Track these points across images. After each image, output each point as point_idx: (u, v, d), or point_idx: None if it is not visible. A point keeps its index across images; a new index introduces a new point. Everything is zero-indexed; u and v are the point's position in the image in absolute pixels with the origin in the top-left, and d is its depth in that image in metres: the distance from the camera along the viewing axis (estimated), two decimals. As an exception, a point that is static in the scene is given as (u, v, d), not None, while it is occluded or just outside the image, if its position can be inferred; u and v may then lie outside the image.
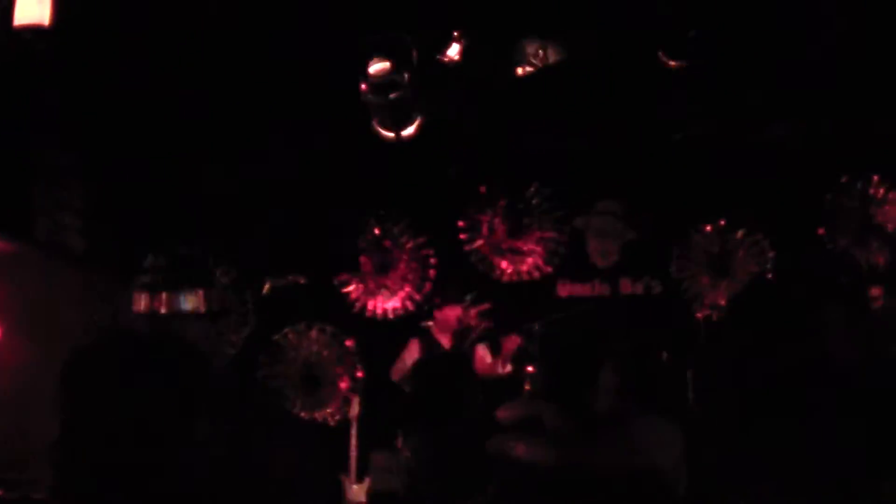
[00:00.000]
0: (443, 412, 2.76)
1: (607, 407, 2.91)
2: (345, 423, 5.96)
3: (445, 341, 5.77)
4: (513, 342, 5.76)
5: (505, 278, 6.64)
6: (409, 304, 6.64)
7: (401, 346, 6.08)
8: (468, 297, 5.95)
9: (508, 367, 5.52)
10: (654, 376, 3.15)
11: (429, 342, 5.84)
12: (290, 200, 6.23)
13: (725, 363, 2.71)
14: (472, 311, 5.85)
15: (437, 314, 5.91)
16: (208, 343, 2.53)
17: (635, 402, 2.93)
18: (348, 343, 6.39)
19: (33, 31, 3.52)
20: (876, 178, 6.13)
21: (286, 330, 6.29)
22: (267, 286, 6.16)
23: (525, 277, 6.66)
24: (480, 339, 5.76)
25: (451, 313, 5.74)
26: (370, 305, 6.68)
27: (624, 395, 2.93)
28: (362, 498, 5.40)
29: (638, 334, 5.57)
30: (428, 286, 6.57)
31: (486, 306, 5.88)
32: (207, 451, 1.92)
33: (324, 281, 6.47)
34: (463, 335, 5.51)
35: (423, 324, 6.08)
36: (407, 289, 6.66)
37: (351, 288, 6.64)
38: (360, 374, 6.31)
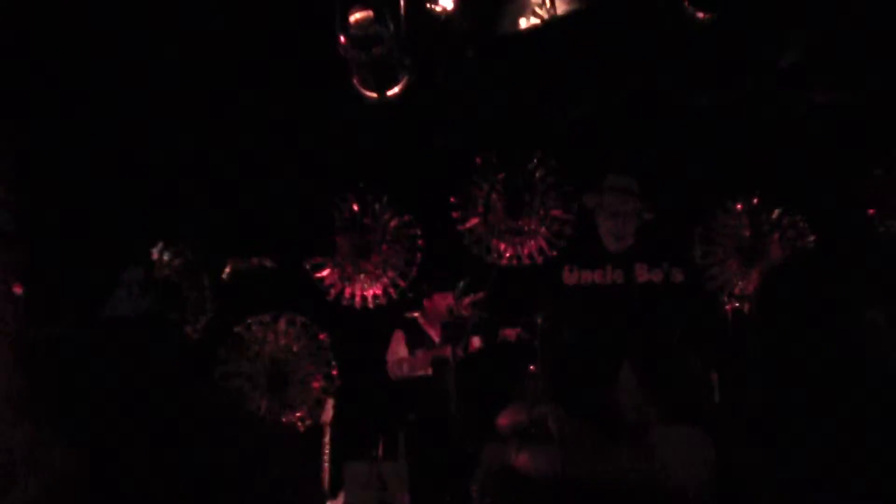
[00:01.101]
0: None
1: (624, 412, 2.94)
2: (316, 430, 5.97)
3: (434, 334, 5.88)
4: (509, 335, 5.86)
5: (503, 263, 6.68)
6: (392, 292, 6.68)
7: (382, 341, 6.14)
8: (460, 285, 6.00)
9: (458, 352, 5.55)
10: (678, 377, 3.18)
11: (415, 335, 5.89)
12: (255, 171, 6.26)
13: (755, 364, 2.58)
14: (465, 301, 5.93)
15: (426, 303, 6.00)
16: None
17: (656, 406, 2.96)
18: (321, 336, 6.45)
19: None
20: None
21: (249, 320, 6.34)
22: (228, 269, 6.31)
23: (526, 262, 6.71)
24: (474, 332, 5.81)
25: (441, 302, 5.82)
26: (347, 293, 6.71)
27: (644, 397, 2.95)
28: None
29: (656, 329, 5.69)
30: (414, 271, 6.62)
31: (480, 295, 5.97)
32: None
33: (294, 264, 6.53)
34: (454, 328, 5.65)
35: (409, 314, 6.13)
36: (390, 274, 6.71)
37: (325, 273, 6.68)
38: (334, 373, 6.38)
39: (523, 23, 5.39)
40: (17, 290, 4.41)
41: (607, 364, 3.02)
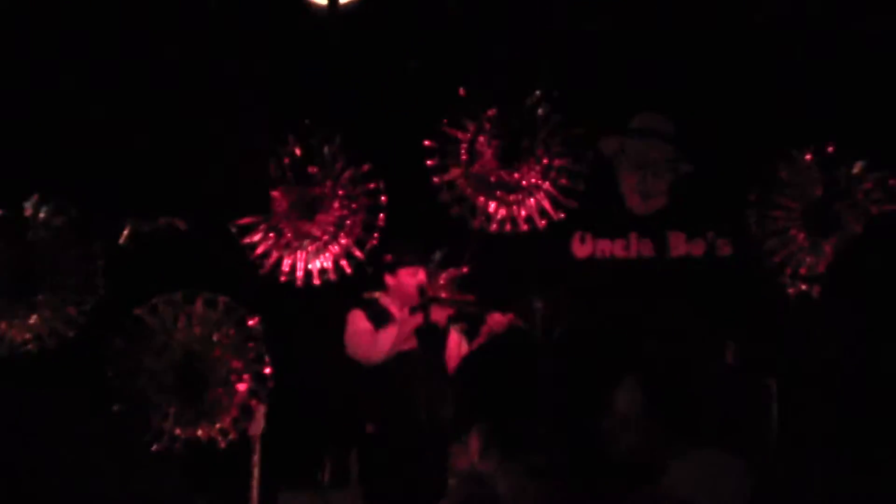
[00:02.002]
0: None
1: (624, 447, 2.92)
2: (243, 445, 5.94)
3: (398, 315, 5.75)
4: (499, 323, 5.68)
5: (493, 228, 6.67)
6: (346, 265, 6.68)
7: (331, 329, 5.99)
8: (436, 256, 6.14)
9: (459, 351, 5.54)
10: (708, 391, 3.18)
11: (378, 314, 5.80)
12: (163, 102, 6.27)
13: (828, 368, 2.57)
14: (443, 278, 6.11)
15: (390, 280, 5.82)
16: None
17: (675, 436, 2.95)
18: (251, 322, 6.37)
19: None
20: None
21: (154, 300, 6.29)
22: (126, 233, 6.20)
23: (524, 228, 6.70)
24: (453, 319, 5.74)
25: (411, 280, 5.72)
26: (285, 265, 6.69)
27: (654, 427, 2.94)
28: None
29: (689, 323, 6.22)
30: (375, 238, 6.63)
31: (462, 270, 6.17)
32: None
33: (215, 226, 6.53)
34: (426, 312, 5.60)
35: (368, 295, 6.04)
36: (343, 241, 6.70)
37: (256, 238, 6.64)
38: (267, 371, 6.31)
39: None
40: None
41: (605, 377, 3.04)
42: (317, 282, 6.72)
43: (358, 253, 6.71)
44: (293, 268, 6.73)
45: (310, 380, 6.30)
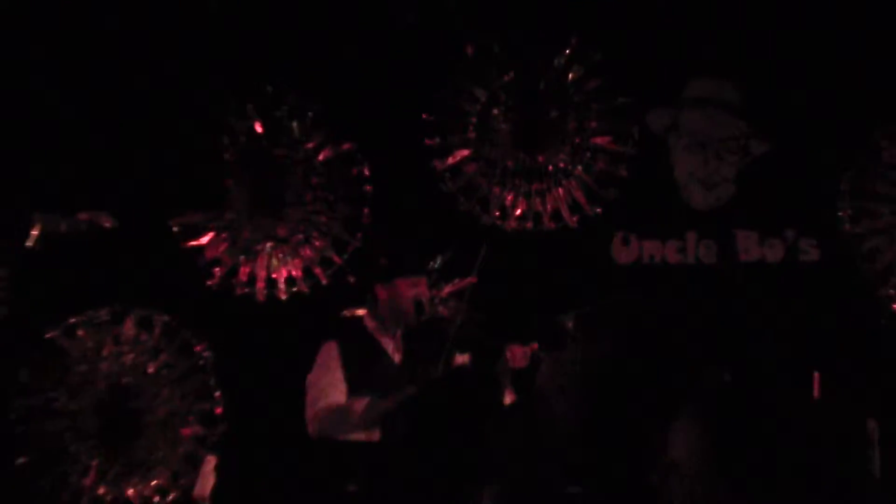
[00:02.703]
0: None
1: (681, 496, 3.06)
2: None
3: (392, 348, 5.45)
4: (520, 355, 5.48)
5: (511, 226, 6.67)
6: (321, 274, 6.69)
7: (301, 358, 5.54)
8: (437, 263, 5.97)
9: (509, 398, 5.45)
10: (789, 434, 3.43)
11: (360, 350, 5.47)
12: (84, 66, 6.35)
13: None
14: (445, 290, 5.90)
15: (379, 293, 5.51)
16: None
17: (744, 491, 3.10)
18: (198, 348, 6.44)
19: None
20: None
21: (73, 320, 6.30)
22: (35, 232, 6.00)
23: (549, 227, 6.70)
24: (459, 346, 5.39)
25: (406, 292, 5.42)
26: (243, 274, 6.66)
27: (716, 477, 3.14)
28: None
29: (764, 348, 6.31)
30: (358, 238, 6.64)
31: (470, 280, 5.78)
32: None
33: (151, 225, 6.51)
34: (426, 336, 5.37)
35: (349, 312, 5.79)
36: (317, 243, 6.68)
37: (205, 240, 6.59)
38: (218, 411, 6.37)
39: None
40: None
41: (654, 417, 3.41)
42: (282, 296, 6.67)
43: (335, 258, 6.67)
44: (252, 278, 6.68)
45: (273, 424, 6.08)
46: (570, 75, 6.70)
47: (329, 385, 5.30)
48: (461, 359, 5.56)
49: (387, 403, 5.14)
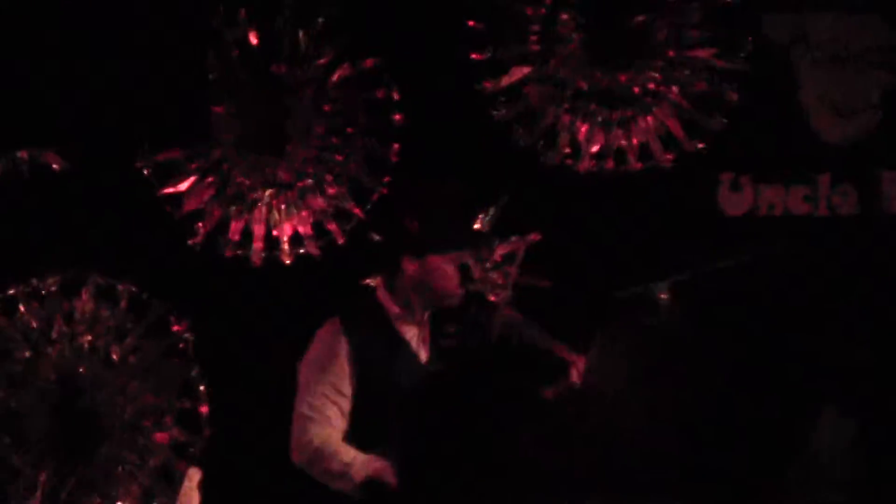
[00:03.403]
0: None
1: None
2: None
3: (417, 340, 4.83)
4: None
5: (584, 167, 6.30)
6: (336, 230, 6.29)
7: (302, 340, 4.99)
8: (486, 217, 5.99)
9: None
10: None
11: (373, 344, 4.83)
12: None
13: None
14: (498, 252, 5.96)
15: (411, 267, 4.82)
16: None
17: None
18: (177, 328, 6.13)
19: None
20: None
21: (13, 290, 6.06)
22: None
23: (635, 167, 6.31)
24: (509, 332, 4.93)
25: (443, 265, 4.80)
26: (234, 232, 6.30)
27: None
28: None
29: None
30: (385, 184, 6.26)
31: (531, 239, 5.97)
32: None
33: (113, 167, 6.20)
34: (465, 324, 4.89)
35: (370, 281, 5.77)
36: (329, 191, 6.30)
37: (184, 187, 6.27)
38: (203, 410, 6.07)
39: None
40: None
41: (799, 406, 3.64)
42: (286, 260, 6.26)
43: (355, 210, 6.23)
44: (247, 236, 6.32)
45: (273, 428, 5.28)
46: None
47: (323, 398, 4.64)
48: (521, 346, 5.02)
49: (370, 475, 4.55)
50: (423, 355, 4.70)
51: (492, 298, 5.79)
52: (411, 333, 4.74)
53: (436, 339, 4.81)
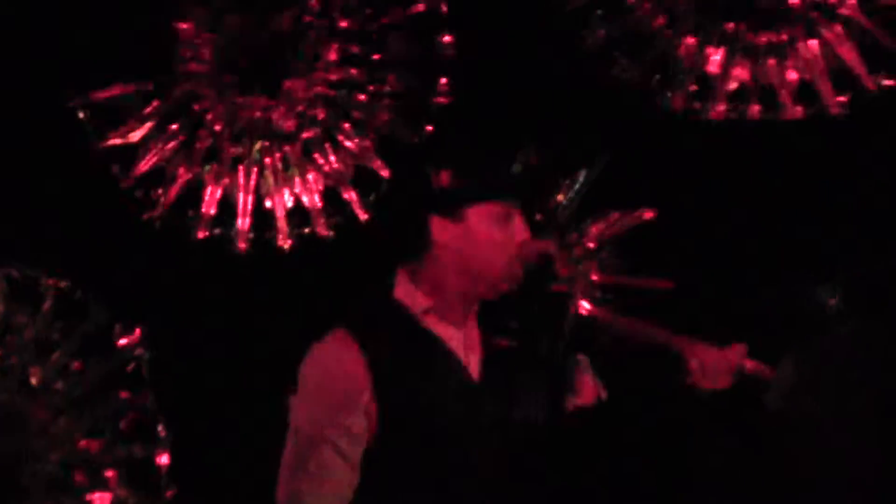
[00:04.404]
0: None
1: None
2: None
3: (459, 347, 3.78)
4: (719, 369, 3.91)
5: (718, 113, 5.34)
6: (356, 201, 5.39)
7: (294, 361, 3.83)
8: (574, 184, 5.27)
9: None
10: None
11: (400, 344, 3.82)
12: None
13: None
14: (592, 231, 5.33)
15: (443, 231, 3.74)
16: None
17: None
18: (127, 341, 5.27)
19: None
20: None
21: None
22: None
23: (793, 113, 5.28)
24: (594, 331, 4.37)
25: (497, 225, 3.82)
26: (210, 203, 5.39)
27: None
28: None
29: None
30: (428, 134, 5.45)
31: (641, 217, 5.28)
32: None
33: (38, 108, 5.30)
34: (537, 327, 3.81)
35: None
36: (348, 144, 5.40)
37: (137, 136, 5.37)
38: (162, 460, 5.35)
39: None
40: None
41: None
42: (284, 244, 5.36)
43: (386, 172, 5.34)
44: (226, 211, 5.41)
45: (255, 486, 4.20)
46: None
47: (328, 447, 3.55)
48: (582, 360, 3.93)
49: None
50: (475, 369, 3.56)
51: (583, 305, 4.67)
52: (453, 339, 3.59)
53: (490, 344, 3.66)
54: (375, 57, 5.42)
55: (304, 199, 5.38)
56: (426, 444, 3.46)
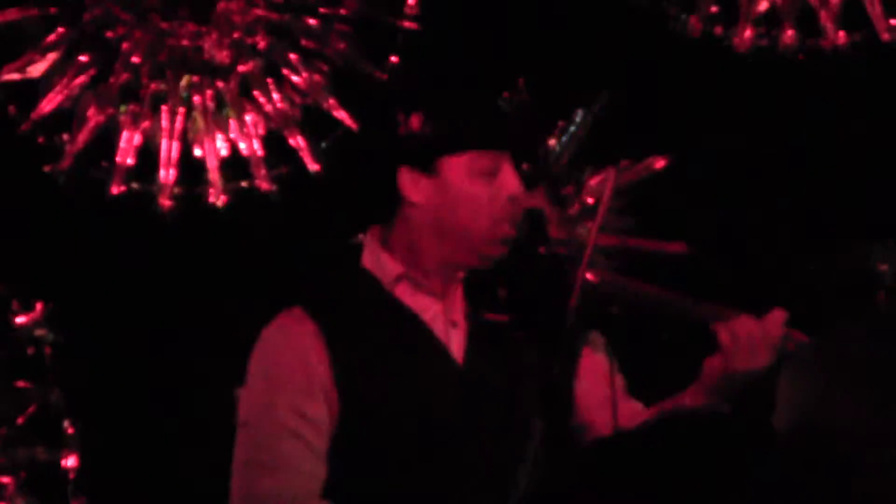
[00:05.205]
0: None
1: None
2: None
3: (438, 321, 3.32)
4: (776, 323, 3.34)
5: (745, 42, 4.90)
6: (305, 148, 4.88)
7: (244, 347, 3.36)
8: (568, 127, 4.86)
9: None
10: None
11: (365, 323, 3.48)
12: None
13: None
14: (590, 186, 4.94)
15: (413, 190, 3.30)
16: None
17: None
18: (25, 320, 4.83)
19: None
20: None
21: None
22: None
23: (832, 42, 4.86)
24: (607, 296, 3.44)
25: (478, 180, 3.38)
26: (126, 152, 4.87)
27: None
28: None
29: None
30: (393, 66, 4.99)
31: (653, 167, 4.89)
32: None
33: None
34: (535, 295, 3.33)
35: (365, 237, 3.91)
36: (295, 79, 4.86)
37: (36, 70, 4.94)
38: (69, 462, 4.84)
39: None
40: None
41: None
42: (217, 201, 4.83)
43: (343, 114, 4.74)
44: (147, 161, 4.84)
45: (194, 492, 4.51)
46: None
47: (281, 430, 3.14)
48: (596, 337, 3.50)
49: None
50: (457, 349, 3.09)
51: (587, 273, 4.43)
52: (431, 313, 3.13)
53: (477, 319, 3.13)
54: (314, 24, 4.98)
55: (242, 146, 4.83)
56: (397, 438, 3.03)
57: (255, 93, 4.87)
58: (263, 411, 3.04)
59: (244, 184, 4.86)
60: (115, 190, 4.82)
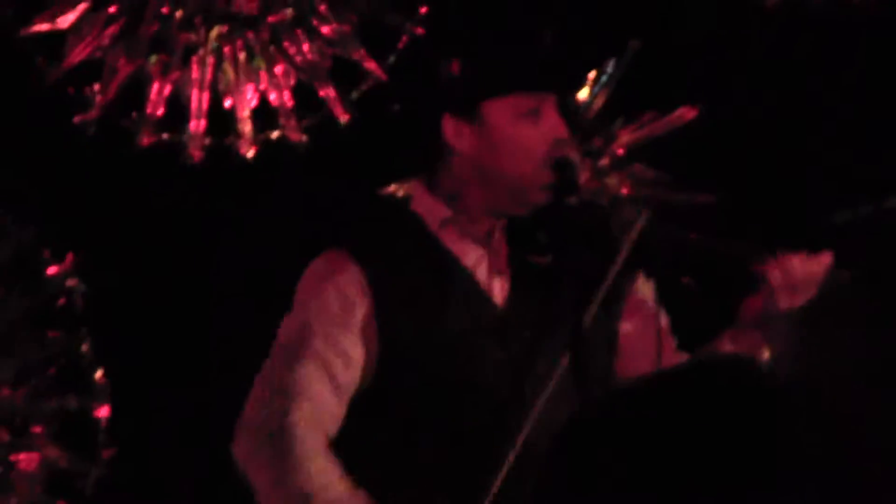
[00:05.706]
0: None
1: None
2: None
3: (481, 266, 3.57)
4: (822, 262, 3.49)
5: None
6: (335, 98, 4.88)
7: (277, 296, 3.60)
8: (601, 75, 5.04)
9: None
10: None
11: (408, 266, 3.59)
12: None
13: None
14: (623, 137, 5.05)
15: (457, 137, 3.42)
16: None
17: None
18: (56, 269, 4.92)
19: None
20: None
21: None
22: None
23: None
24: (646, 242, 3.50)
25: (522, 123, 3.57)
26: (155, 104, 4.88)
27: None
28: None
29: None
30: (422, 16, 4.92)
31: (683, 117, 4.97)
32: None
33: None
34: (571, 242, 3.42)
35: (401, 188, 4.89)
36: (324, 29, 4.86)
37: (64, 21, 4.86)
38: (102, 412, 4.90)
39: None
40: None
41: None
42: (247, 153, 4.87)
43: (372, 65, 4.76)
44: (177, 111, 4.84)
45: (218, 448, 3.62)
46: None
47: (313, 361, 3.27)
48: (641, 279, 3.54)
49: None
50: (499, 293, 3.28)
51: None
52: (474, 258, 3.33)
53: (520, 263, 3.32)
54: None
55: (272, 96, 4.89)
56: (432, 378, 3.18)
57: (285, 44, 4.89)
58: (298, 335, 3.19)
59: (274, 135, 4.91)
60: (145, 141, 4.85)
